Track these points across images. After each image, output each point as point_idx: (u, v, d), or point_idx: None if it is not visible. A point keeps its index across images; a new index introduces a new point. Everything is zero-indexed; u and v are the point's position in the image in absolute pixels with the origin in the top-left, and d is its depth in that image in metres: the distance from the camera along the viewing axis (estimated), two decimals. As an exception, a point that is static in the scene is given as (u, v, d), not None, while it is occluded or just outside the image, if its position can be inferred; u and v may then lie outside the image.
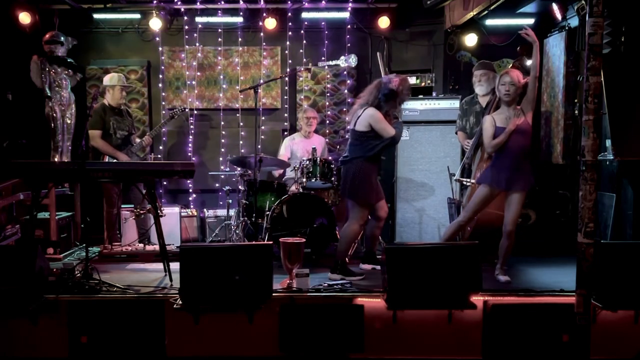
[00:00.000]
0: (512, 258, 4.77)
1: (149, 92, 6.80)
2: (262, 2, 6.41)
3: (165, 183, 6.81)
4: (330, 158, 5.41)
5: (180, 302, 3.71)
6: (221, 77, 6.81)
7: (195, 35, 6.72)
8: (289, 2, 6.48)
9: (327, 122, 6.81)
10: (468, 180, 4.99)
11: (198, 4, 6.49)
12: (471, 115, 5.30)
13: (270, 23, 6.46)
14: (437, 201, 5.81)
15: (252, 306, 3.72)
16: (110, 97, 5.50)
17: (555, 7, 5.60)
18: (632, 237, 4.66)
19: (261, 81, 6.37)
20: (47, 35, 5.92)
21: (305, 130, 5.99)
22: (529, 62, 4.76)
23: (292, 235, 4.73)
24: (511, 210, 4.24)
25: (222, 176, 6.54)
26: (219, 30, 6.70)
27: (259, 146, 4.95)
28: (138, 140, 5.70)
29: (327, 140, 6.34)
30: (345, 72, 6.79)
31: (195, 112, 6.78)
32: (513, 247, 4.33)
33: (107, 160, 5.36)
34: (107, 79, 5.53)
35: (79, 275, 4.11)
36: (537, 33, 6.13)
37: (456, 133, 5.50)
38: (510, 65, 4.52)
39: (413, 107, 5.97)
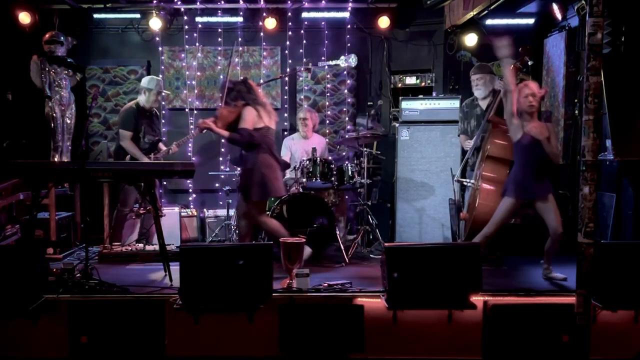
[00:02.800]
0: (511, 258, 4.78)
1: (149, 92, 6.79)
2: (262, 2, 6.41)
3: (165, 183, 6.80)
4: (330, 158, 5.39)
5: (180, 302, 3.71)
6: (221, 77, 6.81)
7: (195, 35, 6.73)
8: (289, 2, 6.48)
9: (327, 122, 6.82)
10: (469, 181, 4.98)
11: (198, 4, 6.49)
12: (472, 118, 5.24)
13: (270, 23, 6.46)
14: (437, 201, 5.81)
15: (252, 306, 3.72)
16: (145, 99, 5.43)
17: (555, 7, 5.60)
18: (632, 237, 4.67)
19: (261, 81, 6.36)
20: (47, 35, 5.91)
21: (303, 131, 5.97)
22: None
23: (292, 235, 4.73)
24: (550, 215, 4.19)
25: (222, 176, 6.54)
26: (219, 30, 6.70)
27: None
28: (165, 147, 5.63)
29: (327, 140, 6.34)
30: (345, 72, 6.80)
31: (195, 112, 6.78)
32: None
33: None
34: (146, 81, 5.46)
35: (79, 275, 4.10)
36: (537, 33, 6.21)
37: (459, 136, 5.47)
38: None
39: (413, 107, 5.97)
